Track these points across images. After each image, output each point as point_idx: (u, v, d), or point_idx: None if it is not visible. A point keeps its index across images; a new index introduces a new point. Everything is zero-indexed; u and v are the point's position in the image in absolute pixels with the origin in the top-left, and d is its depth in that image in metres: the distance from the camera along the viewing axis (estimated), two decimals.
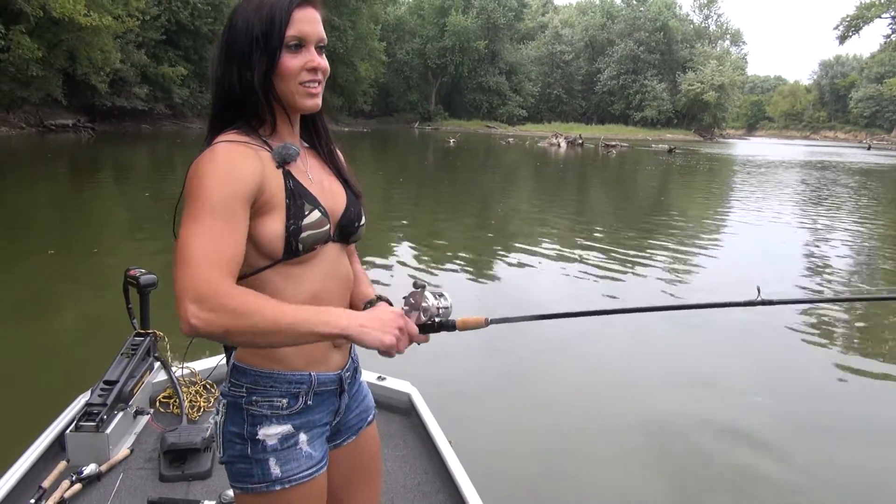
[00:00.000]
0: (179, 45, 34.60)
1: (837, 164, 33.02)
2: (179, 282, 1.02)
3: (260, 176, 1.15)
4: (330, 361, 1.30)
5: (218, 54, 1.22)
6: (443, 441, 2.46)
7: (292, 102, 1.22)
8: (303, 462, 1.25)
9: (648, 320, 5.36)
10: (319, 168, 1.33)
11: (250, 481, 1.23)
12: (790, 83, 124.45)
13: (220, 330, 1.01)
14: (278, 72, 1.18)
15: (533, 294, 6.45)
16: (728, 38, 79.84)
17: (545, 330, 5.30)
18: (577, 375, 4.48)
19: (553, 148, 37.63)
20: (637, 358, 4.82)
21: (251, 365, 1.24)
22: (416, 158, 27.16)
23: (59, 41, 25.11)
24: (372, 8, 55.14)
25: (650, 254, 8.29)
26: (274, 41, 1.16)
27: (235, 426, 1.23)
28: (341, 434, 1.41)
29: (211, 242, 1.05)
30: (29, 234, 7.93)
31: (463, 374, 4.41)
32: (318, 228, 1.21)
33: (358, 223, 1.35)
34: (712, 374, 4.58)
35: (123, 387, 2.54)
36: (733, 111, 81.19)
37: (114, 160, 19.30)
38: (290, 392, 1.24)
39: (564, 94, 75.63)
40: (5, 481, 2.12)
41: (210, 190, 1.09)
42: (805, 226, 11.43)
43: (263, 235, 1.16)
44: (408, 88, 68.26)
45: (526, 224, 10.81)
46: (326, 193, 1.28)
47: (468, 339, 5.25)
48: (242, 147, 1.16)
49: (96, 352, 4.01)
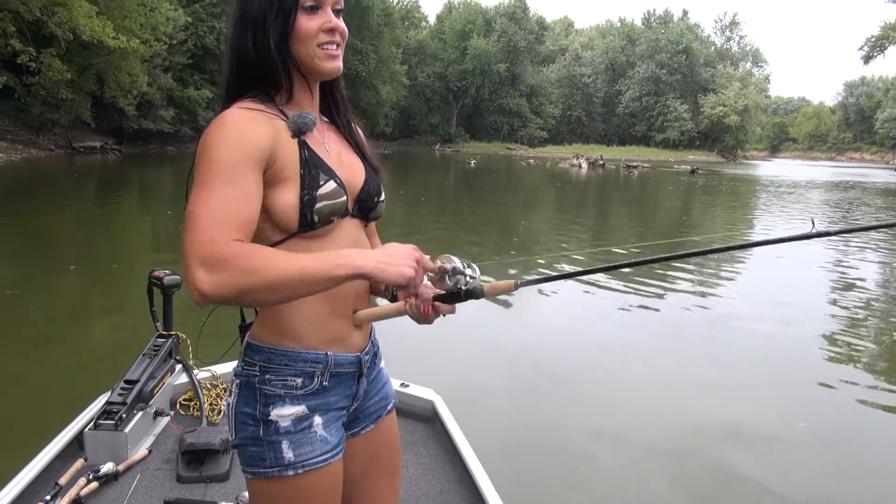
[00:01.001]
0: (205, 69, 35.26)
1: (864, 185, 32.48)
2: (186, 248, 0.97)
3: (272, 142, 1.10)
4: (349, 342, 1.25)
5: (232, 22, 1.19)
6: (466, 448, 2.39)
7: (312, 66, 1.18)
8: (317, 447, 1.19)
9: (676, 334, 5.23)
10: (337, 141, 1.29)
11: (262, 465, 1.17)
12: (814, 104, 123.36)
13: (232, 292, 0.96)
14: (295, 34, 1.15)
15: (555, 313, 6.32)
16: (750, 60, 79.52)
17: (570, 341, 5.24)
18: (605, 388, 4.38)
19: (574, 169, 37.53)
20: (665, 370, 4.70)
21: (265, 342, 1.19)
22: (437, 179, 27.23)
23: (88, 65, 25.75)
24: (394, 32, 55.97)
25: (673, 275, 8.14)
26: (288, 2, 1.13)
27: (248, 407, 1.18)
28: (359, 422, 1.35)
29: (219, 206, 1.01)
30: (53, 251, 8.03)
31: (488, 382, 4.39)
32: (334, 199, 1.16)
33: (377, 198, 1.30)
34: (746, 389, 4.44)
35: (144, 387, 2.54)
36: (756, 133, 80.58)
37: (139, 180, 19.60)
38: (304, 371, 1.19)
39: (585, 115, 75.71)
40: (22, 477, 2.11)
41: (219, 155, 1.04)
42: (832, 247, 11.18)
43: (277, 206, 1.12)
44: (429, 111, 68.84)
45: (547, 244, 10.72)
46: (344, 166, 1.24)
47: (493, 347, 5.25)
48: (255, 113, 1.11)
49: (111, 360, 3.99)
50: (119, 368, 2.68)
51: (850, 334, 5.81)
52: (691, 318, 6.22)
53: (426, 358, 4.73)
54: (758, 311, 6.49)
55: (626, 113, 73.42)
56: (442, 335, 5.36)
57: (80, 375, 4.09)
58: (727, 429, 3.82)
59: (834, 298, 7.21)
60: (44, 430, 2.45)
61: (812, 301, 7.02)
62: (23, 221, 10.28)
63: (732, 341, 5.48)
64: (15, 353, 4.50)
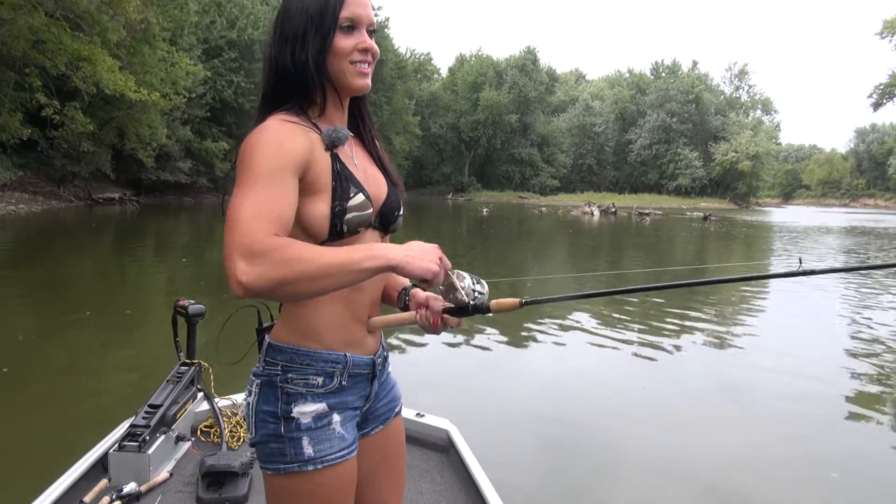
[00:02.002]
0: (223, 122, 36.06)
1: (879, 231, 32.23)
2: (227, 242, 1.03)
3: (308, 152, 1.18)
4: (364, 345, 1.33)
5: (272, 36, 1.27)
6: (482, 476, 2.41)
7: (344, 82, 1.26)
8: (335, 443, 1.25)
9: (692, 388, 5.12)
10: (363, 156, 1.37)
11: (283, 461, 1.22)
12: (825, 151, 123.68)
13: (271, 283, 1.01)
14: (332, 51, 1.23)
15: (568, 363, 6.24)
16: (760, 108, 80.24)
17: (586, 386, 5.17)
18: (620, 425, 4.28)
19: (586, 216, 37.61)
20: (685, 412, 4.59)
21: (288, 343, 1.25)
22: (449, 227, 27.37)
23: (109, 118, 26.43)
24: (407, 84, 57.19)
25: (688, 323, 8.05)
26: (328, 21, 1.22)
27: (269, 405, 1.24)
28: (370, 423, 1.42)
29: (259, 203, 1.07)
30: (70, 298, 8.10)
31: (504, 415, 4.43)
32: (362, 211, 1.24)
33: (397, 212, 1.38)
34: (769, 445, 4.32)
35: (167, 411, 2.63)
36: (768, 179, 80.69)
37: (156, 230, 19.87)
38: (325, 371, 1.26)
39: (596, 164, 76.31)
40: (48, 494, 2.18)
41: (260, 160, 1.12)
42: (850, 289, 11.04)
43: (310, 215, 1.19)
44: (441, 161, 69.74)
45: (561, 283, 10.65)
46: (369, 180, 1.31)
47: (510, 378, 5.22)
48: (292, 125, 1.19)
49: (136, 388, 3.99)
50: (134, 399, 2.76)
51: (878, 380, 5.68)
52: (709, 359, 6.12)
53: (441, 390, 4.85)
54: (780, 354, 6.38)
55: (638, 161, 73.94)
56: (458, 369, 5.45)
57: (102, 403, 4.09)
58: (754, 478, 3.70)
59: (854, 339, 7.08)
60: (70, 452, 2.56)
61: (832, 343, 6.90)
62: (43, 271, 10.42)
63: (754, 387, 5.36)
64: (35, 388, 4.51)
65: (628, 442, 4.09)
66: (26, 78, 21.87)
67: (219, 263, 12.44)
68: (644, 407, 4.72)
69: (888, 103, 63.19)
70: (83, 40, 22.25)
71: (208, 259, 12.98)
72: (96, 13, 22.41)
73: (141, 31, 24.97)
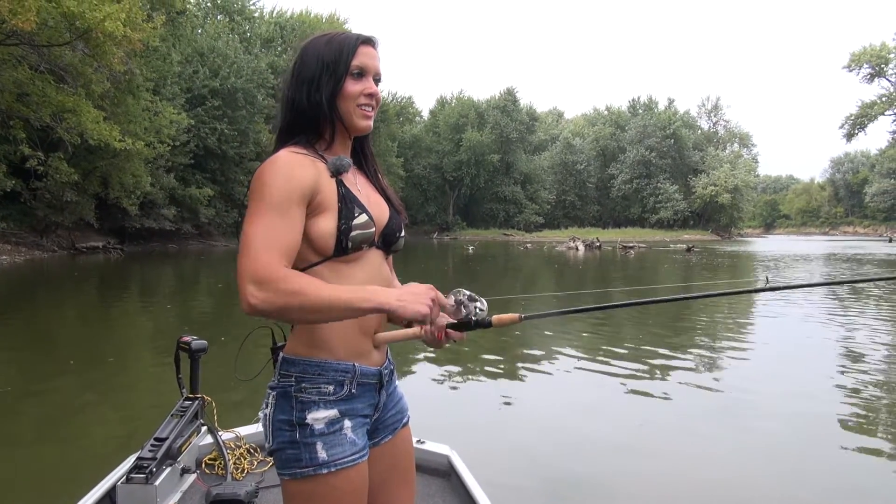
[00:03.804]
0: (207, 168, 36.24)
1: (860, 257, 32.70)
2: (240, 267, 1.19)
3: (315, 181, 1.32)
4: (371, 357, 1.43)
5: (289, 80, 1.43)
6: (483, 499, 2.44)
7: (350, 122, 1.42)
8: (347, 448, 1.34)
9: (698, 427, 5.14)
10: (366, 184, 1.52)
11: (298, 466, 1.32)
12: (803, 181, 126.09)
13: (275, 308, 1.17)
14: (342, 94, 1.39)
15: (557, 397, 6.24)
16: (737, 141, 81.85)
17: (582, 416, 5.18)
18: (622, 458, 4.29)
19: (571, 251, 37.87)
20: (685, 443, 4.61)
21: (300, 356, 1.36)
22: (436, 265, 27.39)
23: (93, 168, 26.49)
24: (389, 127, 57.95)
25: (679, 349, 8.11)
26: (341, 68, 1.38)
27: (284, 414, 1.34)
28: (379, 433, 1.51)
29: (269, 233, 1.23)
30: (49, 349, 7.99)
31: (505, 443, 4.49)
32: (366, 230, 1.37)
33: (398, 233, 1.52)
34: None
35: (172, 444, 2.68)
36: (749, 210, 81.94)
37: (140, 278, 19.74)
38: (335, 379, 1.36)
39: (579, 200, 77.22)
40: None
41: (271, 190, 1.27)
42: (836, 314, 11.18)
43: (317, 232, 1.32)
44: (426, 200, 70.25)
45: (550, 324, 10.72)
46: (372, 204, 1.45)
47: (509, 407, 5.26)
48: (301, 157, 1.34)
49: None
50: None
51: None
52: (707, 394, 6.16)
53: (440, 419, 4.96)
54: (773, 377, 6.45)
55: (620, 195, 74.90)
56: (456, 399, 5.56)
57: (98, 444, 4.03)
58: None
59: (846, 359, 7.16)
60: (78, 486, 2.59)
61: (822, 366, 6.97)
62: (24, 321, 10.32)
63: (753, 417, 5.37)
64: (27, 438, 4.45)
65: (626, 468, 4.09)
66: (10, 130, 21.93)
67: (202, 309, 12.39)
68: (640, 437, 4.71)
69: (860, 133, 65.04)
70: (68, 92, 22.44)
71: (192, 305, 12.92)
72: (80, 65, 22.66)
73: (125, 81, 25.25)
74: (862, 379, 6.40)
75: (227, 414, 3.47)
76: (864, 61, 62.13)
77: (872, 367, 6.97)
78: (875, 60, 61.91)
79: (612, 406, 5.56)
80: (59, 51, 21.95)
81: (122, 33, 21.37)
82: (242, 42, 41.96)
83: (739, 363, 7.20)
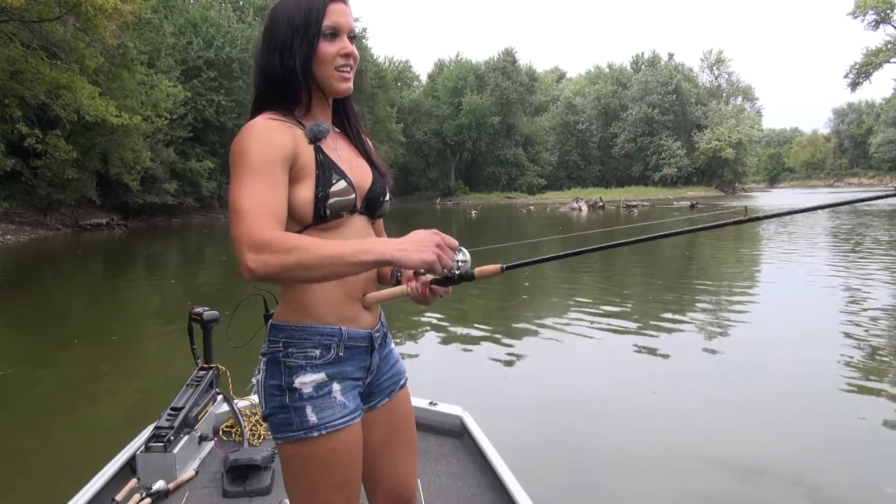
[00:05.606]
0: (206, 141, 36.03)
1: (866, 209, 32.53)
2: (235, 234, 1.17)
3: (294, 147, 1.29)
4: (360, 320, 1.42)
5: (261, 45, 1.38)
6: (495, 457, 2.50)
7: (328, 86, 1.38)
8: (337, 410, 1.35)
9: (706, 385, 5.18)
10: (348, 149, 1.48)
11: (290, 429, 1.33)
12: (807, 133, 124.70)
13: (274, 268, 1.14)
14: (317, 57, 1.34)
15: (567, 358, 6.27)
16: (741, 95, 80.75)
17: (592, 378, 5.22)
18: (631, 414, 4.34)
19: (575, 212, 37.75)
20: (688, 398, 4.66)
21: (287, 321, 1.36)
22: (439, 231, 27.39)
23: (92, 144, 26.34)
24: (388, 93, 57.39)
25: (684, 307, 8.13)
26: (312, 30, 1.32)
27: (274, 379, 1.35)
28: (375, 396, 1.52)
29: (257, 198, 1.20)
30: (57, 327, 8.04)
31: (516, 404, 4.56)
32: (345, 196, 1.34)
33: (383, 198, 1.48)
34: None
35: (189, 413, 2.75)
36: (753, 165, 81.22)
37: (144, 253, 19.80)
38: (322, 343, 1.36)
39: (581, 160, 76.64)
40: (81, 495, 2.30)
41: (251, 154, 1.23)
42: (841, 268, 11.18)
43: (295, 201, 1.29)
44: (427, 166, 69.86)
45: (556, 290, 10.74)
46: (353, 170, 1.42)
47: (520, 368, 5.35)
48: (278, 123, 1.30)
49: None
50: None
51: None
52: (712, 351, 6.20)
53: (455, 380, 5.11)
54: (783, 335, 6.48)
55: (622, 154, 74.29)
56: (468, 365, 5.64)
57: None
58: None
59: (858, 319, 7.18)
60: (98, 457, 2.67)
61: (832, 327, 7.00)
62: (32, 299, 10.40)
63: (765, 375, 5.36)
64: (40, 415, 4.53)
65: (639, 429, 4.12)
66: (6, 109, 21.77)
67: (208, 281, 12.45)
68: (653, 398, 4.72)
69: (865, 82, 63.98)
70: (62, 68, 22.19)
71: (196, 280, 12.99)
72: (73, 41, 22.35)
73: (118, 55, 24.91)
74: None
75: (243, 383, 3.53)
76: (870, 7, 60.69)
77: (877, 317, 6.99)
78: (881, 6, 60.45)
79: (623, 366, 5.59)
80: (50, 26, 21.62)
81: (113, 5, 21.08)
82: (235, 11, 41.38)
83: (746, 319, 7.23)
